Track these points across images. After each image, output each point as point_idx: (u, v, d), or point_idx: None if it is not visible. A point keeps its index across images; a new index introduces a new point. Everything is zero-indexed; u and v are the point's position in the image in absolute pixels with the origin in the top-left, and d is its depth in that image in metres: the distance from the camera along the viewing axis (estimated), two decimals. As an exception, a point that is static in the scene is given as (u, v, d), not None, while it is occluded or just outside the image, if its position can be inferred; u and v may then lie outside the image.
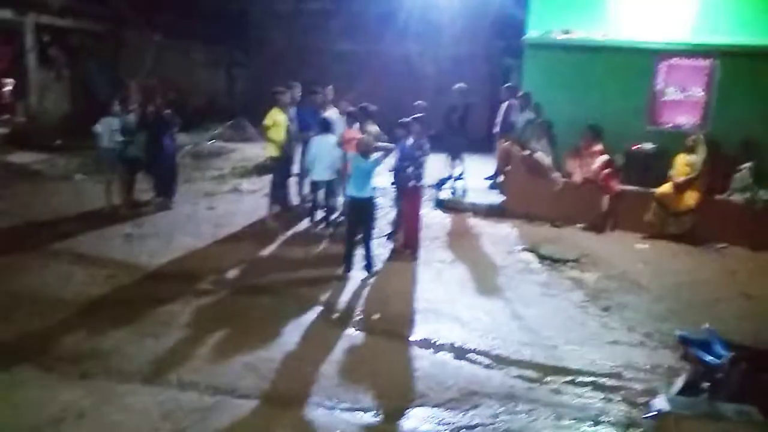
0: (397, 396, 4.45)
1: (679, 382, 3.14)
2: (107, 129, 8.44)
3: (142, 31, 15.42)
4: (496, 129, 10.48)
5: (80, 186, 10.08)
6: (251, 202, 9.61)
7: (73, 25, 14.12)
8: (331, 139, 7.96)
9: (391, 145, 7.29)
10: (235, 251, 7.38)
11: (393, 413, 4.25)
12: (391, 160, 7.54)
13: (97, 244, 7.39)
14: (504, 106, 10.25)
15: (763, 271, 7.36)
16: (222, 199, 9.74)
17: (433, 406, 4.34)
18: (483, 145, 12.23)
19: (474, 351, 5.15)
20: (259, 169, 11.54)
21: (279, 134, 8.24)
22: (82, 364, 4.69)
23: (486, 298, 6.34)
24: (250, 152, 13.15)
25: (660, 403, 2.91)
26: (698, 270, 7.38)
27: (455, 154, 10.26)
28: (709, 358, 2.98)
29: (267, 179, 8.96)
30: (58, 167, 11.19)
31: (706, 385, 2.93)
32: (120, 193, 8.68)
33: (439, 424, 4.15)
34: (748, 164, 8.13)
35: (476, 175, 10.74)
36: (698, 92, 9.09)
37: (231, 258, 7.10)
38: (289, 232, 8.21)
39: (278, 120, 8.22)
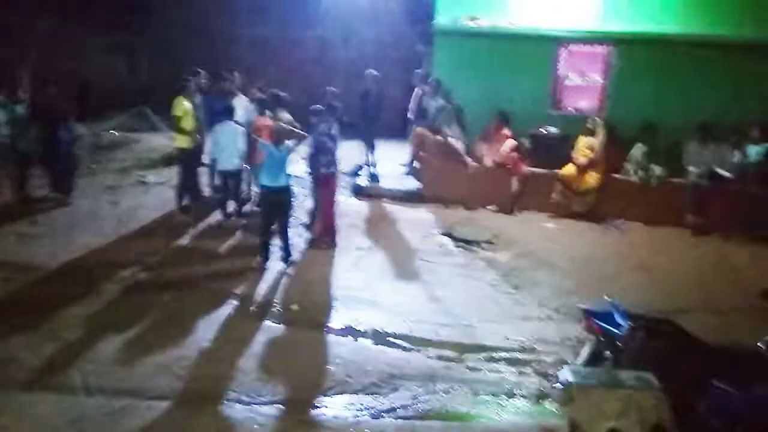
0: (316, 385, 4.42)
1: (584, 353, 3.32)
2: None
3: (31, 15, 14.26)
4: (410, 115, 10.56)
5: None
6: (158, 194, 9.17)
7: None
8: (235, 127, 7.72)
9: (304, 133, 7.18)
10: (143, 247, 7.02)
11: (312, 403, 4.22)
12: (304, 148, 7.43)
13: (-12, 246, 6.83)
14: (416, 92, 10.35)
15: (658, 244, 7.90)
16: (126, 193, 9.22)
17: (353, 393, 4.35)
18: (397, 131, 12.32)
19: (393, 335, 5.21)
20: (165, 160, 11.04)
21: (188, 123, 7.91)
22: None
23: (404, 282, 6.42)
24: (155, 142, 12.54)
25: (565, 374, 3.07)
26: (601, 245, 7.83)
27: (369, 141, 10.28)
28: (609, 328, 3.17)
29: (174, 170, 8.58)
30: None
31: (608, 354, 3.12)
32: (12, 189, 8.03)
33: (358, 410, 4.17)
34: (640, 145, 8.65)
35: (392, 161, 10.81)
36: (597, 78, 9.56)
37: (138, 254, 6.76)
38: (201, 225, 7.92)
39: (186, 109, 7.89)
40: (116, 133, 13.14)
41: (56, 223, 7.70)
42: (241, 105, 8.34)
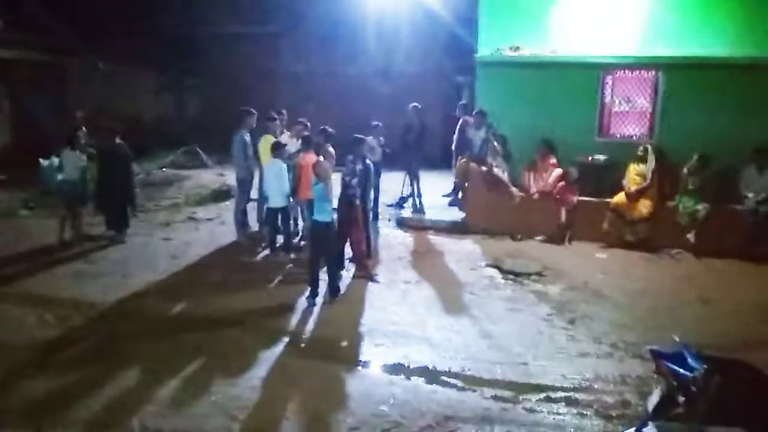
0: (371, 426, 4.34)
1: (654, 398, 3.15)
2: (54, 162, 8.14)
3: (87, 59, 15.03)
4: (453, 146, 10.56)
5: (26, 222, 9.63)
6: (208, 230, 9.38)
7: (14, 56, 13.61)
8: (282, 164, 7.86)
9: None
10: (194, 283, 7.15)
11: (369, 445, 4.15)
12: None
13: (48, 284, 7.05)
14: (459, 123, 10.37)
15: (716, 275, 7.60)
16: (178, 229, 9.46)
17: (410, 435, 4.26)
18: (439, 162, 12.35)
19: (446, 373, 5.10)
20: (214, 196, 11.33)
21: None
22: (36, 416, 4.40)
23: (453, 317, 6.31)
24: (205, 179, 12.90)
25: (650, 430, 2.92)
26: (656, 277, 7.57)
27: (412, 173, 10.31)
28: (682, 371, 3.02)
29: (223, 206, 8.77)
30: (1, 203, 10.68)
31: (681, 399, 2.95)
32: (70, 228, 8.33)
33: (416, 453, 4.07)
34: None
35: (435, 193, 10.80)
36: (644, 103, 9.38)
37: (190, 290, 6.88)
38: (250, 260, 8.03)
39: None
40: (168, 171, 13.56)
41: (112, 260, 7.91)
42: (288, 142, 8.52)
